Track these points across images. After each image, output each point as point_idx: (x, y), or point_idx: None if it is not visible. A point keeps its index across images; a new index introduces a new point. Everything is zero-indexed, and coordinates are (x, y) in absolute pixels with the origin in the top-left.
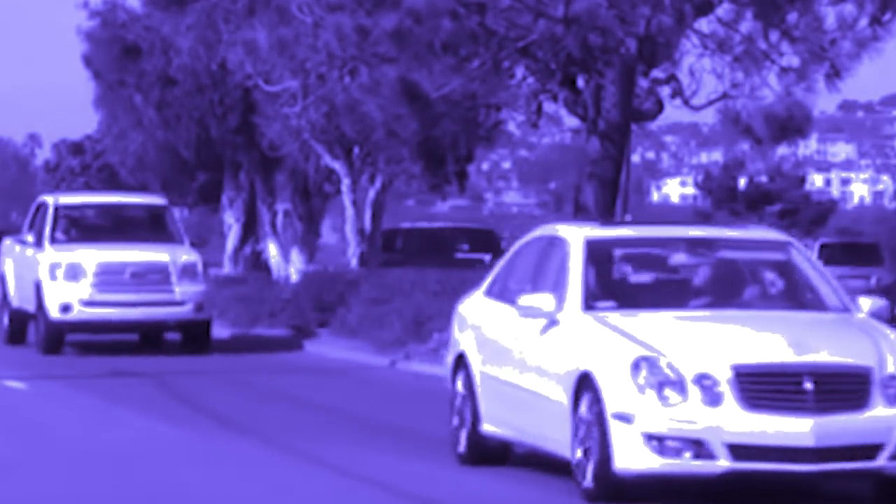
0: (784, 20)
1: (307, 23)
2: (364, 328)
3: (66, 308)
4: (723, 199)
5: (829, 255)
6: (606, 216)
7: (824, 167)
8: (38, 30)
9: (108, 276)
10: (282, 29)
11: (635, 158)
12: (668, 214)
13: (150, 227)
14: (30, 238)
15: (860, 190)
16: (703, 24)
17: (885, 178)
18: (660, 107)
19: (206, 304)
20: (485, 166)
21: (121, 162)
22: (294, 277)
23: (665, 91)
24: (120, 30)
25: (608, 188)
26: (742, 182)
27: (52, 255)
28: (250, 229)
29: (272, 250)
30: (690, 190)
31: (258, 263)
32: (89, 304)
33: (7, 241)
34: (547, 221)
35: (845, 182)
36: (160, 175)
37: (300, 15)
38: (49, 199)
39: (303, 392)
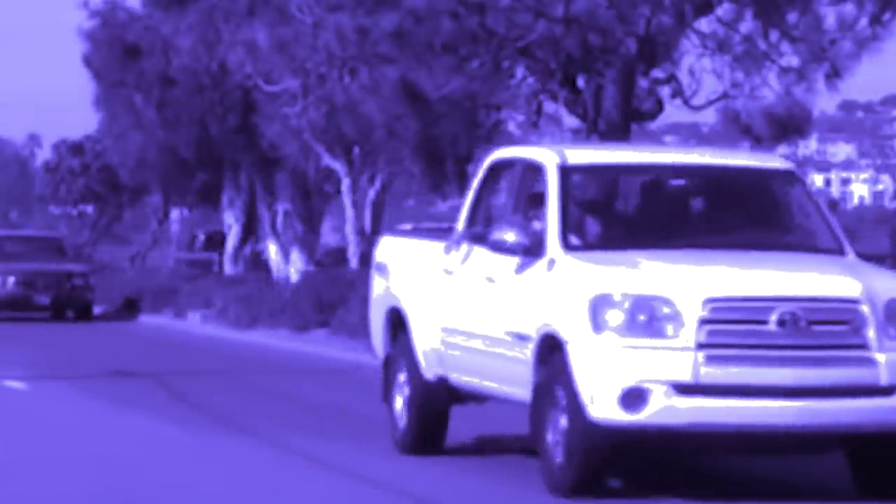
0: (784, 20)
1: (307, 23)
2: (364, 328)
3: (634, 397)
4: None
5: None
6: None
7: (824, 167)
8: (38, 30)
9: (736, 328)
10: (282, 29)
11: None
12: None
13: (760, 214)
14: (510, 236)
15: (860, 190)
16: (703, 24)
17: (885, 178)
18: (660, 107)
19: None
20: None
21: (121, 162)
22: (294, 277)
23: (665, 91)
24: (120, 30)
25: None
26: None
27: (585, 276)
28: (250, 229)
29: (272, 250)
30: None
31: (258, 263)
32: (692, 389)
33: (395, 242)
34: None
35: (845, 182)
36: (160, 175)
37: (300, 15)
38: (540, 156)
39: (303, 391)
